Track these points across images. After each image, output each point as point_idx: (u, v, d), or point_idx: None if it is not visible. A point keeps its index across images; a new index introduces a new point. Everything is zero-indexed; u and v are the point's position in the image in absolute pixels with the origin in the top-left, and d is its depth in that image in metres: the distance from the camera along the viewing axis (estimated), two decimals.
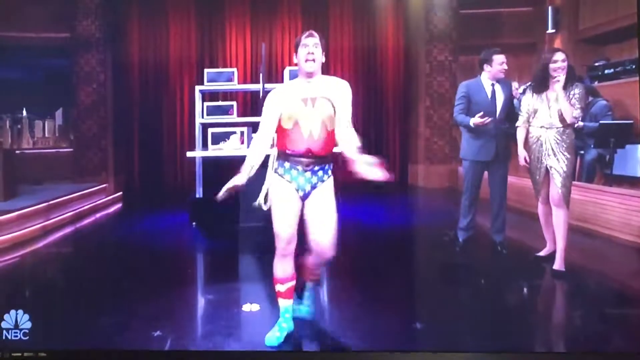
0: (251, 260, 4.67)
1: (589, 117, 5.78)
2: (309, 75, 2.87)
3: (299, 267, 3.02)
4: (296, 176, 2.84)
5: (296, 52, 2.89)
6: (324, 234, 2.85)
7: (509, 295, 3.82)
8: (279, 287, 2.95)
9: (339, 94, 2.89)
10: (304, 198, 2.87)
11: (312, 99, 2.84)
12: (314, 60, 2.84)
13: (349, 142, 2.88)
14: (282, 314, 2.98)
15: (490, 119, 4.27)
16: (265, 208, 2.89)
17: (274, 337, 2.93)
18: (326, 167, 2.90)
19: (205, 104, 6.27)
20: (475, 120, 4.27)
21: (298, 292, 3.10)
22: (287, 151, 2.84)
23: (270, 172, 2.92)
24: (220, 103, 6.64)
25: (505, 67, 4.41)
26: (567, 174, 3.94)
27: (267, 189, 2.90)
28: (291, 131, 2.82)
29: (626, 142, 5.73)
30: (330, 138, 2.87)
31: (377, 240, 5.25)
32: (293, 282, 2.98)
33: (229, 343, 2.93)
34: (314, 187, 2.86)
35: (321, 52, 2.88)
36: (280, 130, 2.87)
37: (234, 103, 6.38)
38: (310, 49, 2.84)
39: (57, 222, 5.99)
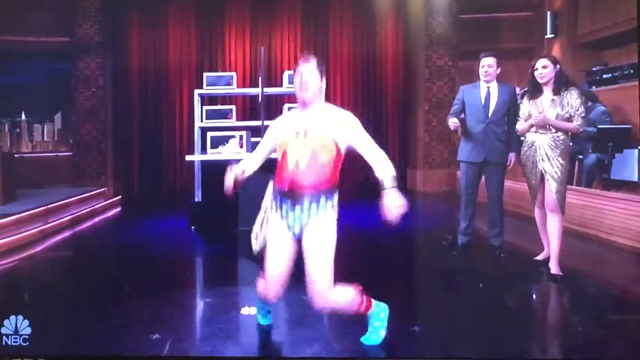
0: (250, 264, 4.66)
1: (588, 122, 5.80)
2: (304, 104, 2.67)
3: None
4: (286, 213, 2.64)
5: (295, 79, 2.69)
6: (314, 279, 2.60)
7: (507, 300, 3.81)
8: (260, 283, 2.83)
9: (344, 128, 2.64)
10: (297, 238, 2.66)
11: (305, 131, 2.62)
12: (307, 89, 2.62)
13: (379, 170, 2.67)
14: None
15: (457, 125, 4.34)
16: (255, 247, 2.78)
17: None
18: (322, 200, 2.61)
19: (205, 107, 6.29)
20: (449, 122, 4.38)
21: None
22: (276, 185, 2.69)
23: (268, 209, 2.77)
24: (219, 107, 6.67)
25: (488, 70, 4.37)
26: (561, 180, 3.93)
27: (259, 228, 2.77)
28: (279, 162, 2.66)
29: (624, 146, 5.75)
30: (323, 170, 2.60)
31: (375, 244, 5.24)
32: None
33: (228, 347, 2.92)
34: (306, 225, 2.62)
35: (318, 79, 2.64)
36: (276, 163, 2.71)
37: (233, 107, 6.40)
38: (304, 77, 2.62)
39: (56, 226, 5.99)
